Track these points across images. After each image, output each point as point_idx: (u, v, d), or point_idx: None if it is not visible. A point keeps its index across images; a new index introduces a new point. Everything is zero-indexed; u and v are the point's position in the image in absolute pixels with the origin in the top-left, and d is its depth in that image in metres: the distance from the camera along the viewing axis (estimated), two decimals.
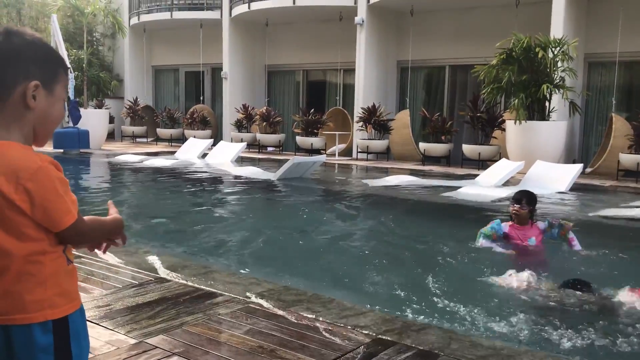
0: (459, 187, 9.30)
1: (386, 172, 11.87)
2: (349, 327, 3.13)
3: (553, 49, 11.16)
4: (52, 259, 1.53)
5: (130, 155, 13.72)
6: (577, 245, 5.15)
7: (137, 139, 18.91)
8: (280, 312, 3.36)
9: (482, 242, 5.16)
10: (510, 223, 5.14)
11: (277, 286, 3.87)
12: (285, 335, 3.02)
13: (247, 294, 3.69)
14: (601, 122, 12.93)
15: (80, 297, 1.63)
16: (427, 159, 13.42)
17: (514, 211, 5.05)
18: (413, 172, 11.60)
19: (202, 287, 3.83)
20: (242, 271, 4.28)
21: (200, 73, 18.91)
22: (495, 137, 12.89)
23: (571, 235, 5.11)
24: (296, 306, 3.46)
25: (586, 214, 7.45)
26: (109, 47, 20.79)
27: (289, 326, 3.15)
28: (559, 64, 11.21)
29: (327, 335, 3.03)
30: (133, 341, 2.94)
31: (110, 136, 18.57)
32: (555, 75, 11.27)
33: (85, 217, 1.59)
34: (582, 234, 5.49)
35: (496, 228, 5.15)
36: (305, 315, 3.32)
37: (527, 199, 5.07)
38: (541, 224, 5.12)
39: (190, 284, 3.89)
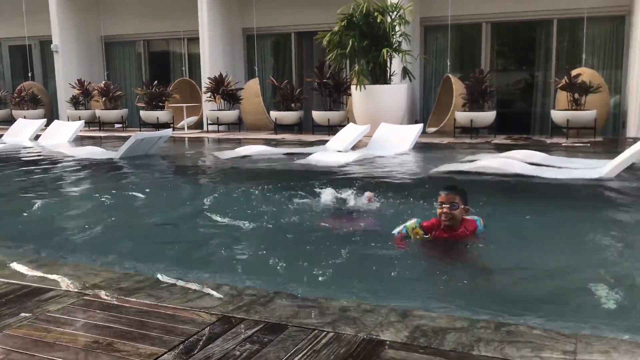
0: (311, 154, 9.38)
1: (239, 142, 11.66)
2: (194, 309, 2.96)
3: (390, 14, 11.54)
4: None
5: None
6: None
7: None
8: (119, 302, 3.10)
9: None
10: None
11: (116, 274, 3.58)
12: (124, 326, 2.79)
13: (82, 285, 3.36)
14: (439, 83, 13.71)
15: None
16: (279, 127, 13.41)
17: None
18: (266, 142, 11.52)
19: (28, 283, 3.43)
20: (77, 262, 3.91)
21: (27, 47, 17.16)
22: (343, 103, 13.17)
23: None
24: (137, 294, 3.22)
25: (426, 171, 7.85)
26: None
27: (128, 315, 2.91)
28: (397, 28, 11.62)
29: (169, 320, 2.84)
30: None
31: None
32: (394, 40, 11.68)
33: None
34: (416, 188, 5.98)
35: None
36: (146, 302, 3.09)
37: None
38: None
39: (14, 281, 3.47)
